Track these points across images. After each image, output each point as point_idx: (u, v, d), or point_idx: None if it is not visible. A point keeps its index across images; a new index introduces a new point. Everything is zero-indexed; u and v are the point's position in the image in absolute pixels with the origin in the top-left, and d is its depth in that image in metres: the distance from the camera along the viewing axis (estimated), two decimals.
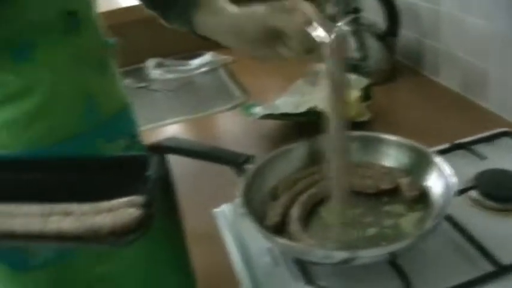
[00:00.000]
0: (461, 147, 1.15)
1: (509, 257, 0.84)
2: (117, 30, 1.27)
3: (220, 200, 1.09)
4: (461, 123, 1.32)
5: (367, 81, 1.40)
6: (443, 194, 0.90)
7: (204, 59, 2.02)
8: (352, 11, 1.65)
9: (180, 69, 2.02)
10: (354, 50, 1.60)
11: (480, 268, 0.84)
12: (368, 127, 1.30)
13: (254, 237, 0.93)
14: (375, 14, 1.70)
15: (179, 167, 1.27)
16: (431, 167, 0.96)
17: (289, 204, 0.94)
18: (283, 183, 1.00)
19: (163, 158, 0.85)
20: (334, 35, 0.85)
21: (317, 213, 0.96)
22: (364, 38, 1.61)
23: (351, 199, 0.94)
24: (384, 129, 1.08)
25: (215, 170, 1.08)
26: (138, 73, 2.02)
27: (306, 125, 1.29)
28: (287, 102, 1.41)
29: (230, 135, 1.45)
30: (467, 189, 1.01)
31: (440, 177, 0.93)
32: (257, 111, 1.34)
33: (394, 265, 0.83)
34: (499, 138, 1.19)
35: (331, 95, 0.87)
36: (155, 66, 2.02)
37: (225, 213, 1.06)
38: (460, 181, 1.01)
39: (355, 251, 0.80)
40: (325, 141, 0.90)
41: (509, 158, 1.11)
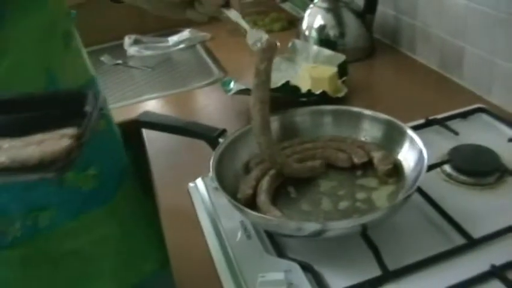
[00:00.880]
0: (435, 123, 1.16)
1: (480, 230, 0.85)
2: (94, 6, 1.26)
3: (196, 175, 1.09)
4: (436, 100, 1.32)
5: (344, 57, 1.39)
6: (415, 168, 0.91)
7: (181, 35, 2.00)
8: None
9: (157, 46, 2.00)
10: (332, 26, 1.59)
11: (452, 241, 0.85)
12: (344, 103, 1.29)
13: (227, 211, 0.93)
14: None
15: (155, 142, 1.27)
16: (404, 140, 0.97)
17: (261, 177, 0.94)
18: (255, 157, 1.00)
19: (96, 95, 0.83)
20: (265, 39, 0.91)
21: (285, 187, 0.97)
22: (342, 15, 1.60)
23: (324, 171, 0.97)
24: (361, 105, 1.07)
25: (191, 144, 1.08)
26: (116, 50, 1.99)
27: (281, 100, 1.28)
28: None
29: (207, 111, 1.44)
30: (440, 164, 1.01)
31: (413, 151, 0.94)
32: (234, 87, 1.34)
33: (366, 237, 0.83)
34: (473, 114, 1.20)
35: (255, 91, 0.92)
36: (133, 43, 2.00)
37: (199, 188, 1.06)
38: (434, 156, 1.03)
39: (327, 223, 0.80)
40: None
41: (483, 134, 1.12)
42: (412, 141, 0.95)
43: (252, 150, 1.01)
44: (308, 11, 1.66)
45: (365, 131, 1.04)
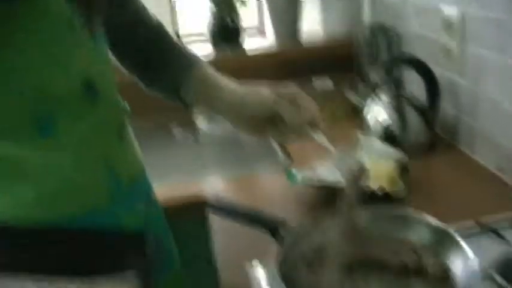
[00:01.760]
0: (487, 228, 1.20)
1: None
2: None
3: (255, 258, 1.15)
4: (491, 203, 1.36)
5: (406, 158, 1.45)
6: (465, 277, 0.95)
7: None
8: (393, 82, 1.71)
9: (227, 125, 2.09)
10: (394, 121, 1.66)
11: None
12: (402, 200, 1.36)
13: None
14: (416, 87, 1.77)
15: (216, 221, 1.35)
16: (456, 250, 1.01)
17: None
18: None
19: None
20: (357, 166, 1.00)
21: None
22: (404, 109, 1.67)
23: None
24: (418, 203, 1.12)
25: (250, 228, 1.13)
26: (189, 125, 2.11)
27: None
28: (327, 170, 1.47)
29: (269, 198, 1.51)
30: (491, 274, 1.05)
31: (464, 261, 0.98)
32: (299, 177, 1.41)
33: None
34: None
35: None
36: (205, 119, 2.11)
37: (257, 273, 1.12)
38: (483, 262, 1.06)
39: None
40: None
41: None
42: (463, 252, 0.98)
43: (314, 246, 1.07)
44: (372, 104, 1.74)
45: (418, 234, 1.08)
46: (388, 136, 1.64)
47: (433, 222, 1.08)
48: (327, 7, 2.71)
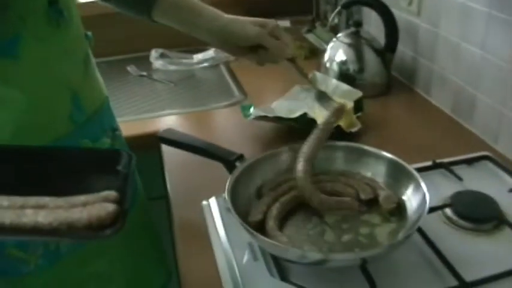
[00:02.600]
0: (441, 167, 1.21)
1: (473, 274, 0.89)
2: (125, 16, 1.32)
3: (210, 193, 1.14)
4: (446, 143, 1.37)
5: (361, 93, 1.45)
6: (417, 210, 0.96)
7: (206, 54, 2.06)
8: (353, 24, 1.70)
9: (182, 61, 2.06)
10: (353, 61, 1.65)
11: (445, 282, 0.89)
12: (357, 138, 1.35)
13: (237, 232, 0.99)
14: (375, 29, 1.76)
15: (173, 157, 1.33)
16: (409, 182, 1.02)
17: (272, 203, 1.00)
18: (269, 184, 1.06)
19: (131, 156, 0.86)
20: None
21: (295, 214, 1.02)
22: (362, 51, 1.66)
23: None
24: (373, 140, 1.12)
25: (207, 163, 1.13)
26: (142, 61, 2.07)
27: (297, 129, 1.34)
28: (282, 106, 1.46)
29: (225, 133, 1.50)
30: (441, 207, 1.06)
31: (417, 193, 0.98)
32: (253, 112, 1.39)
33: (364, 271, 0.88)
34: (479, 161, 1.25)
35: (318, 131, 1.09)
36: (159, 56, 2.07)
37: (212, 207, 1.11)
38: (436, 199, 1.08)
39: (329, 254, 0.85)
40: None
41: (485, 182, 1.17)
42: (416, 184, 0.99)
43: (265, 177, 1.07)
44: (331, 44, 1.72)
45: (373, 168, 1.09)
46: (345, 76, 1.63)
47: (388, 155, 1.08)
48: None
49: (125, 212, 0.72)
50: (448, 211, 1.06)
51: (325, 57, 1.71)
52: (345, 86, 1.51)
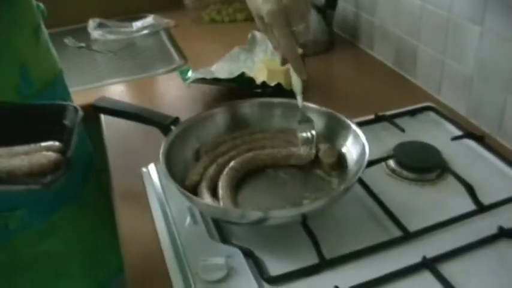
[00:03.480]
0: (384, 119, 1.19)
1: (417, 224, 0.89)
2: None
3: (149, 161, 1.11)
4: (390, 96, 1.35)
5: (301, 51, 1.42)
6: (357, 162, 0.94)
7: (146, 21, 2.01)
8: None
9: (121, 30, 2.00)
10: None
11: (389, 234, 0.88)
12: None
13: (176, 197, 0.96)
14: None
15: (112, 127, 1.29)
16: (348, 135, 1.01)
17: (209, 165, 0.97)
18: (205, 145, 1.03)
19: (77, 109, 0.84)
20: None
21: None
22: None
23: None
24: (316, 98, 1.10)
25: (146, 131, 1.09)
26: (80, 33, 2.00)
27: (236, 91, 1.31)
28: (222, 68, 1.43)
29: (164, 98, 1.46)
30: (384, 159, 1.05)
31: (356, 145, 0.97)
32: (191, 76, 1.35)
33: (306, 227, 0.86)
34: (422, 112, 1.24)
35: None
36: (97, 26, 2.01)
37: (151, 173, 1.08)
38: (379, 151, 1.07)
39: (268, 212, 0.83)
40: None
41: (428, 132, 1.16)
42: (355, 136, 0.98)
43: (203, 139, 1.04)
44: None
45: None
46: None
47: (325, 109, 1.06)
48: None
49: (67, 161, 0.73)
50: (391, 163, 1.05)
51: None
52: None
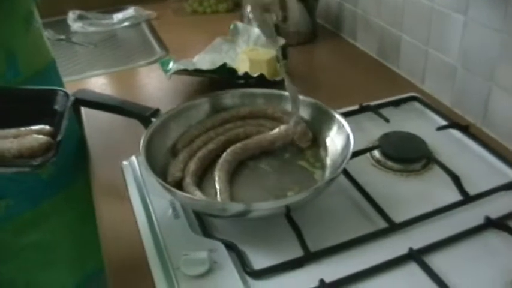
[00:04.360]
0: (368, 110, 1.18)
1: (402, 215, 0.88)
2: None
3: (130, 153, 1.09)
4: (374, 87, 1.35)
5: (284, 41, 1.40)
6: (342, 152, 0.93)
7: (127, 13, 1.98)
8: None
9: (102, 22, 1.97)
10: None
11: (375, 225, 0.87)
12: (282, 87, 1.30)
13: (157, 190, 0.93)
14: None
15: (92, 120, 1.27)
16: (332, 125, 0.99)
17: (188, 159, 0.95)
18: (181, 141, 1.01)
19: (68, 95, 0.84)
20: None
21: (211, 168, 0.97)
22: None
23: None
24: (299, 88, 1.08)
25: (127, 123, 1.08)
26: (59, 25, 1.96)
27: (218, 81, 1.29)
28: (204, 59, 1.41)
29: (145, 90, 1.43)
30: (368, 150, 1.04)
31: (341, 136, 0.96)
32: (172, 67, 1.33)
33: (289, 219, 0.85)
34: (406, 102, 1.23)
35: None
36: (77, 18, 1.97)
37: (132, 166, 1.06)
38: (364, 142, 1.06)
39: (251, 204, 0.81)
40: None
41: (413, 122, 1.15)
42: (340, 126, 0.97)
43: (181, 130, 1.03)
44: None
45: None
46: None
47: (309, 99, 1.05)
48: None
49: (58, 144, 0.73)
50: (376, 153, 1.04)
51: (247, 7, 1.65)
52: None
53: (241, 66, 1.30)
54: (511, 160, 1.01)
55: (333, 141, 0.98)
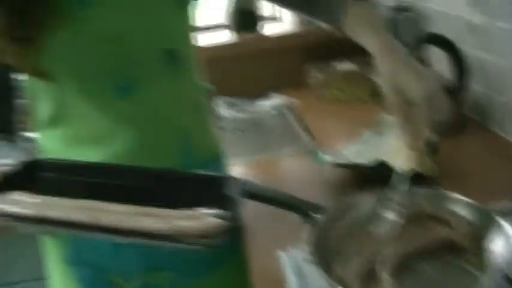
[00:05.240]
0: None
1: None
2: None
3: (285, 243, 1.12)
4: None
5: (436, 137, 1.41)
6: (503, 255, 0.92)
7: (272, 100, 2.07)
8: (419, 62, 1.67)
9: (248, 109, 2.07)
10: None
11: None
12: (434, 182, 1.32)
13: (317, 284, 0.96)
14: (442, 66, 1.73)
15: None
16: (493, 227, 0.98)
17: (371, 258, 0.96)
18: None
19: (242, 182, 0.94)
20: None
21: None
22: None
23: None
24: (450, 184, 1.08)
25: (281, 212, 1.10)
26: None
27: (371, 176, 1.31)
28: (353, 151, 1.44)
29: (295, 180, 1.48)
30: None
31: (502, 238, 0.94)
32: (325, 159, 1.37)
33: None
34: None
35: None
36: (226, 105, 2.08)
37: (291, 257, 1.09)
38: None
39: None
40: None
41: None
42: (502, 229, 0.95)
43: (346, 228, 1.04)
44: None
45: (455, 214, 1.06)
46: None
47: (470, 201, 1.04)
48: None
49: (235, 228, 0.83)
50: None
51: None
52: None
53: (393, 160, 1.32)
54: None
55: (493, 244, 0.97)
